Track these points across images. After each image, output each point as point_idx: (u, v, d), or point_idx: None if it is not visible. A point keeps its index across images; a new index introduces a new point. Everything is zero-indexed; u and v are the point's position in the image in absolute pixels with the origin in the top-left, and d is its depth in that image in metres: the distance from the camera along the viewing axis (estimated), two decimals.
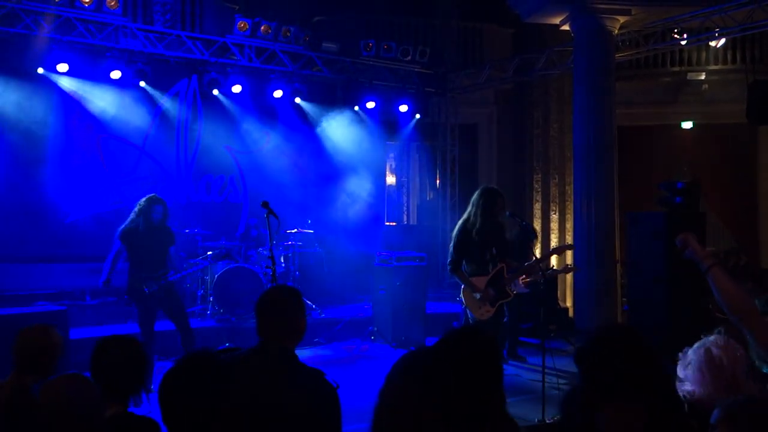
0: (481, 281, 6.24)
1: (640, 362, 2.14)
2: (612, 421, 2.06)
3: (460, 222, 6.39)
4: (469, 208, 6.38)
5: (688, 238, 3.01)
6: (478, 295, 6.20)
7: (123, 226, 7.03)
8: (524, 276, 7.08)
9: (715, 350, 3.00)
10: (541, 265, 6.46)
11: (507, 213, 6.55)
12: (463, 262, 6.37)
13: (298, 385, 2.89)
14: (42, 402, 2.58)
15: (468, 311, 6.27)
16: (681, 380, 2.98)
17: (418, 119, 12.22)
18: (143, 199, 7.09)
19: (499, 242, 6.30)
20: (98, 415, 2.64)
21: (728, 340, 3.09)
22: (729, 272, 2.94)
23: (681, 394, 2.89)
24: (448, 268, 6.36)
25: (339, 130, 11.43)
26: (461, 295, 6.36)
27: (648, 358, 2.19)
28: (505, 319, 7.47)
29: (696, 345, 3.06)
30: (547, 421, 5.67)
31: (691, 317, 7.62)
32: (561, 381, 6.25)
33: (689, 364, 3.02)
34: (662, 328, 7.70)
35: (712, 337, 3.07)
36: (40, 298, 8.80)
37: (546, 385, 5.90)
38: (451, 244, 6.33)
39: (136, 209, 7.04)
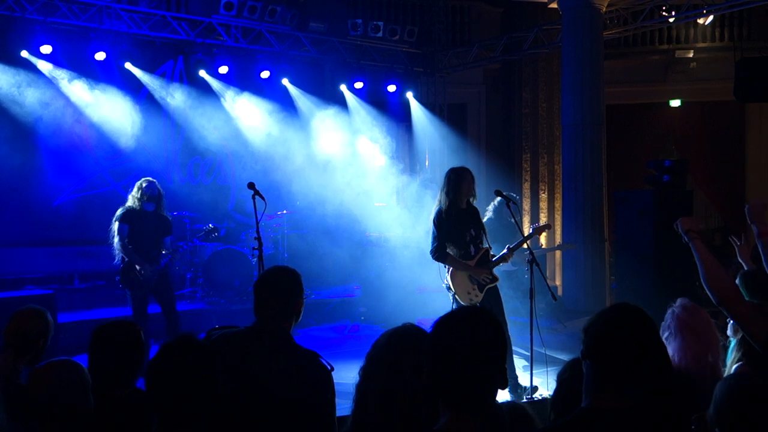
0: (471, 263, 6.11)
1: (649, 347, 2.12)
2: (610, 400, 2.05)
3: (434, 208, 6.10)
4: (438, 194, 6.14)
5: (685, 219, 3.08)
6: (470, 278, 5.97)
7: (121, 209, 6.94)
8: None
9: (681, 314, 3.06)
10: (527, 243, 6.31)
11: (494, 191, 6.46)
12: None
13: (292, 366, 2.89)
14: (35, 388, 2.56)
15: (456, 297, 5.98)
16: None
17: (407, 99, 12.17)
18: (138, 182, 7.03)
19: (476, 224, 6.14)
20: (88, 400, 2.62)
21: (690, 302, 3.15)
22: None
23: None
24: (433, 255, 6.00)
25: (327, 111, 11.35)
26: (447, 279, 6.06)
27: (656, 343, 2.17)
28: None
29: (666, 317, 3.13)
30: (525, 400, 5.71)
31: (678, 295, 7.66)
32: (549, 359, 6.28)
33: (667, 336, 3.09)
34: (650, 306, 7.73)
35: (675, 304, 3.14)
36: (28, 282, 8.74)
37: (534, 363, 5.95)
38: (431, 230, 6.04)
39: (131, 192, 6.98)
